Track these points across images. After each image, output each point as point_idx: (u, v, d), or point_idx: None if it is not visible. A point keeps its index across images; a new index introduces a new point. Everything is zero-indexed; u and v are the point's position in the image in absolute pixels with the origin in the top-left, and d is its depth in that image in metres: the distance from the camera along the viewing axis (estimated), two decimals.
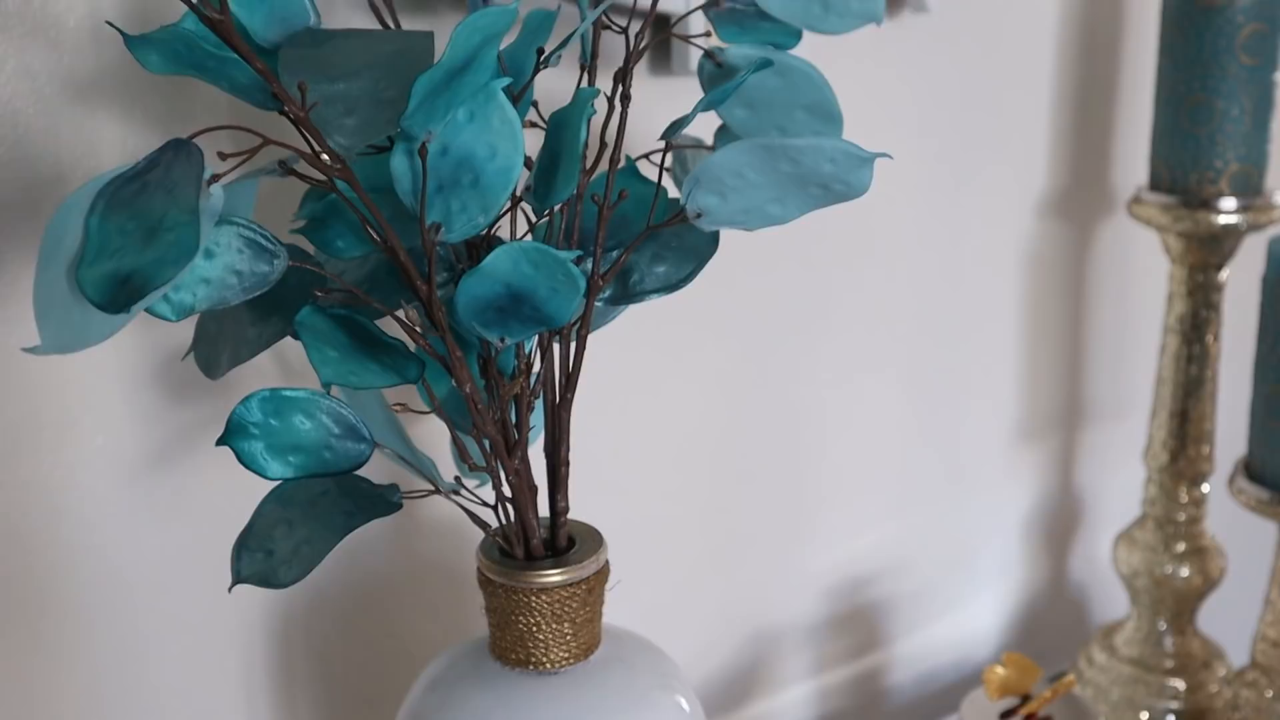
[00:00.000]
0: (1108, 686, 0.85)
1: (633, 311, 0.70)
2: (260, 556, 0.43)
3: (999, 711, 0.71)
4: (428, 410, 0.44)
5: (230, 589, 0.44)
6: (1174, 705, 0.84)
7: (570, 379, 0.46)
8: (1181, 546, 0.83)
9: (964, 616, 0.92)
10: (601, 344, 0.67)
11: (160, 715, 0.61)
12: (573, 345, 0.46)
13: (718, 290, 0.73)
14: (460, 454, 0.45)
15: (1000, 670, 0.70)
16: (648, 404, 0.73)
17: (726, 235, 0.72)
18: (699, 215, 0.43)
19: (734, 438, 0.77)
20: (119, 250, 0.33)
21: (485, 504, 0.48)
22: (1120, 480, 0.95)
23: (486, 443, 0.45)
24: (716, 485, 0.77)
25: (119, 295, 0.33)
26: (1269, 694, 0.76)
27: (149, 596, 0.60)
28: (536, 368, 0.46)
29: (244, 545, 0.44)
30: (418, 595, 0.67)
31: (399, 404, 0.43)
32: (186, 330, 0.52)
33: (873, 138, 0.45)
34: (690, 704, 0.51)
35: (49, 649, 0.57)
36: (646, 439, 0.74)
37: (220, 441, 0.43)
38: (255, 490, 0.47)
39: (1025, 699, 0.70)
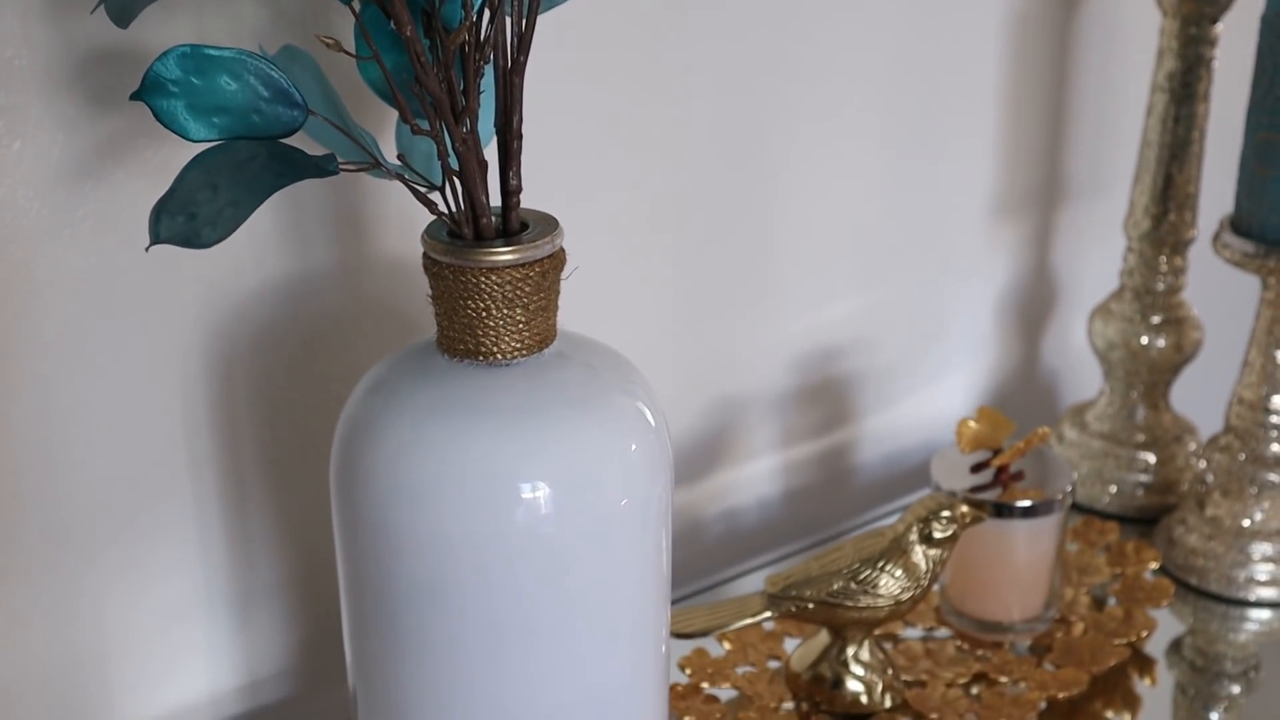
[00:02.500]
0: (1077, 461, 0.84)
1: (600, 43, 0.66)
2: (181, 220, 0.40)
3: (969, 464, 0.69)
4: (367, 57, 0.40)
5: (147, 249, 0.41)
6: (1143, 479, 0.82)
7: (523, 40, 0.42)
8: (1158, 318, 0.81)
9: (933, 396, 0.90)
10: (564, 77, 0.63)
11: (96, 452, 0.58)
12: (525, 3, 0.42)
13: (689, 36, 0.69)
14: (402, 114, 0.41)
15: (973, 424, 0.68)
16: (612, 154, 0.69)
17: None
18: None
19: (702, 191, 0.73)
20: None
21: (432, 185, 0.44)
22: (1097, 262, 0.93)
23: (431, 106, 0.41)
24: (682, 238, 0.74)
25: None
26: (1241, 457, 0.75)
27: (80, 321, 0.56)
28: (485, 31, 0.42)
29: (164, 209, 0.40)
30: (367, 339, 0.64)
31: (329, 38, 0.39)
32: (102, 22, 0.47)
33: None
34: (656, 419, 0.48)
35: None
36: (610, 190, 0.70)
37: (135, 96, 0.39)
38: None
39: (997, 453, 0.69)
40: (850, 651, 0.63)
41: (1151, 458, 0.82)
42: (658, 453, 0.48)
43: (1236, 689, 0.71)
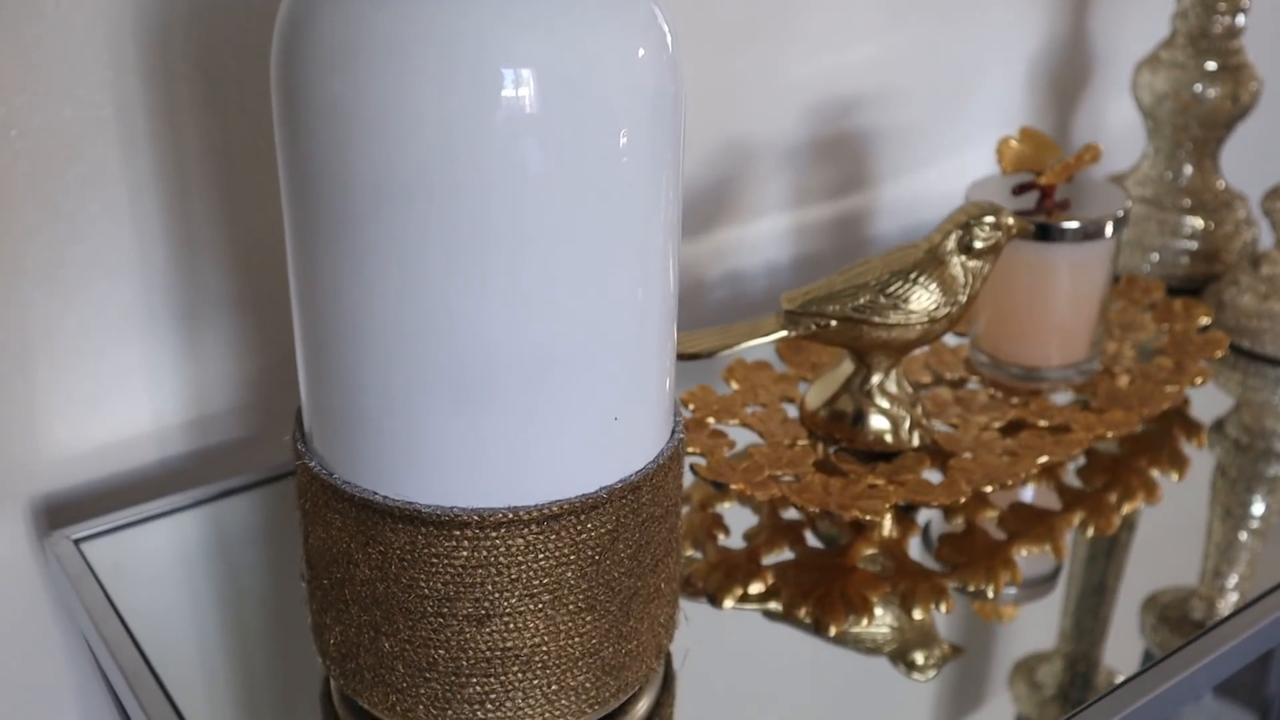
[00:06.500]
0: None
1: None
2: None
3: (1010, 187, 0.61)
4: None
5: None
6: (1189, 245, 0.75)
7: None
8: (1214, 65, 0.73)
9: (955, 167, 0.82)
10: None
11: (9, 121, 0.50)
12: None
13: None
14: None
15: (1015, 143, 0.61)
16: None
17: None
18: None
19: None
20: None
21: None
22: (1137, 32, 0.85)
23: None
24: None
25: None
26: None
27: None
28: None
29: None
30: None
31: None
32: None
33: None
34: (673, 43, 0.39)
35: None
36: None
37: None
38: None
39: (1040, 176, 0.61)
40: (875, 381, 0.56)
41: (1199, 222, 0.75)
42: (669, 80, 0.39)
43: None
